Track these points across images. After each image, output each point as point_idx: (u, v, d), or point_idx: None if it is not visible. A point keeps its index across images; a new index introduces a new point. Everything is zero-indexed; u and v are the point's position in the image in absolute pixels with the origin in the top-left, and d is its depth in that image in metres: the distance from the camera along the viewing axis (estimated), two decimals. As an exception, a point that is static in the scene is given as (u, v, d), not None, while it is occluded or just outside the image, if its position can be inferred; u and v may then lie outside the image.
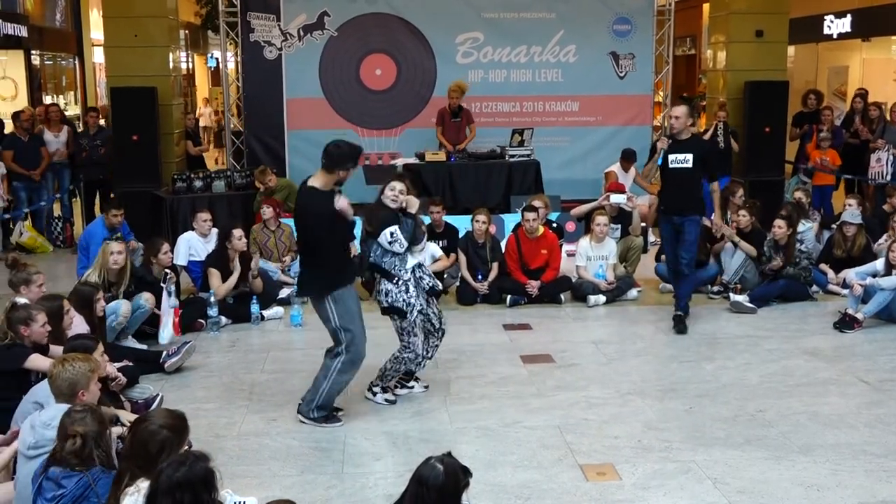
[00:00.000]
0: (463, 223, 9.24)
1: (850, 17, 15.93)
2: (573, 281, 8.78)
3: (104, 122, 12.24)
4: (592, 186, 11.55)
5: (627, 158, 11.17)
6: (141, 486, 3.35)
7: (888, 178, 11.10)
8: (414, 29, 12.39)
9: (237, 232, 8.15)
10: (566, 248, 9.65)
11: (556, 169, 12.04)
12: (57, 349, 5.27)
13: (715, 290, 8.89)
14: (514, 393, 6.25)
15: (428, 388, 6.29)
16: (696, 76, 22.20)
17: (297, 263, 8.87)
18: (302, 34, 12.25)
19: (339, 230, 5.57)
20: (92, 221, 9.86)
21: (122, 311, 6.95)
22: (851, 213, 9.00)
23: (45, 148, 11.45)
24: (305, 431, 5.58)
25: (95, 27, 18.41)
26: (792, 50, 15.43)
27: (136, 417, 4.32)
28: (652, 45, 12.79)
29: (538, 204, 8.83)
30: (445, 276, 8.90)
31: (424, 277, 5.92)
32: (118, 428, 4.41)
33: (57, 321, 5.53)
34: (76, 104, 18.69)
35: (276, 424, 5.70)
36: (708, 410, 5.90)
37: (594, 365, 6.88)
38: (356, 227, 5.82)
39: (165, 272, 7.61)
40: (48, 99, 16.87)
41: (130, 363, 6.11)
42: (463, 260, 8.75)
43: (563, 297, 8.69)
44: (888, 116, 11.76)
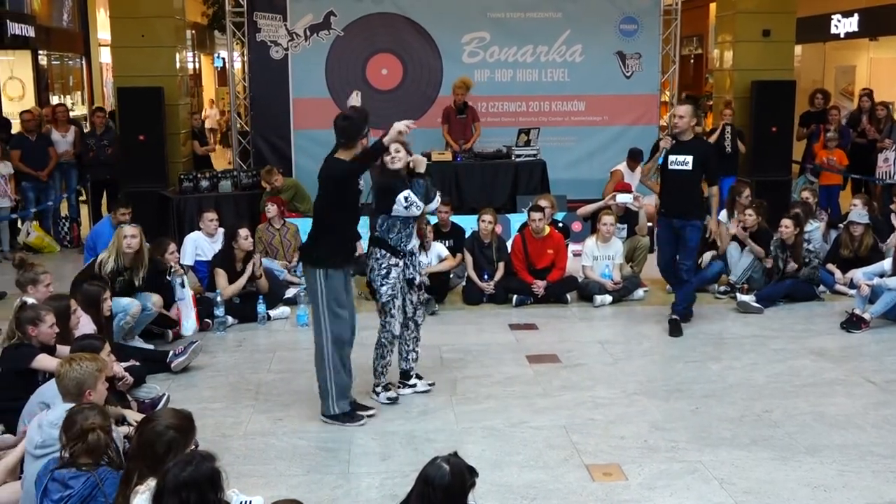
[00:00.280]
0: (469, 223, 9.24)
1: (857, 16, 15.89)
2: (579, 281, 8.78)
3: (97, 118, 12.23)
4: (598, 186, 11.51)
5: (634, 158, 11.15)
6: (151, 485, 3.36)
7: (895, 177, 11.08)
8: (420, 28, 12.38)
9: (243, 232, 8.16)
10: (572, 247, 9.63)
11: (562, 169, 12.02)
12: (64, 349, 5.29)
13: (721, 290, 8.87)
14: (520, 393, 6.24)
15: (434, 385, 6.29)
16: (702, 76, 22.16)
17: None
18: (308, 34, 12.25)
19: (349, 201, 5.58)
20: (99, 221, 9.88)
21: (131, 311, 6.94)
22: (858, 212, 8.96)
23: (52, 148, 11.47)
24: (312, 431, 5.59)
25: (102, 27, 18.48)
26: (799, 49, 15.39)
27: (142, 417, 4.33)
28: (658, 44, 12.77)
29: (544, 204, 8.83)
30: (452, 275, 8.91)
31: (409, 266, 5.97)
32: (125, 427, 4.43)
33: (64, 321, 5.56)
34: (83, 104, 18.75)
35: (282, 424, 5.71)
36: (714, 411, 5.89)
37: (600, 365, 6.87)
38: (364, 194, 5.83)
39: (170, 266, 7.57)
40: (55, 99, 16.92)
41: (137, 363, 6.13)
42: (469, 260, 8.75)
43: (569, 296, 8.68)
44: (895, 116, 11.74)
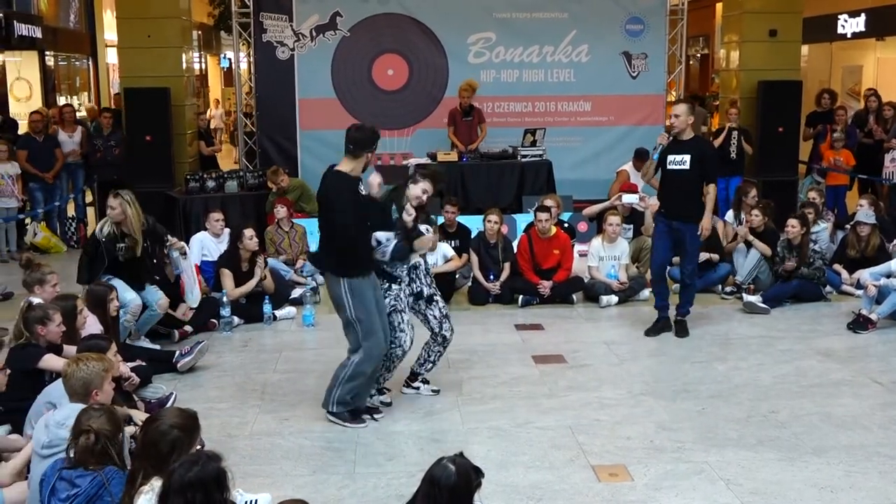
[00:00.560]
0: (475, 223, 9.24)
1: (864, 16, 15.85)
2: (585, 281, 8.77)
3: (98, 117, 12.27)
4: (604, 186, 11.52)
5: (640, 158, 11.10)
6: (155, 484, 3.36)
7: (903, 178, 11.05)
8: (426, 29, 12.39)
9: (248, 232, 8.17)
10: (578, 248, 9.63)
11: (568, 169, 12.01)
12: (70, 349, 5.31)
13: (728, 290, 8.86)
14: (525, 393, 6.24)
15: (439, 392, 6.23)
16: (709, 76, 22.13)
17: (308, 265, 8.92)
18: (314, 34, 12.27)
19: (363, 217, 5.45)
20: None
21: (131, 308, 6.88)
22: (865, 213, 8.94)
23: (59, 149, 11.49)
24: (318, 431, 5.59)
25: (109, 28, 18.53)
26: (805, 49, 15.34)
27: (147, 417, 4.33)
28: (665, 44, 12.75)
29: (550, 204, 8.83)
30: (457, 276, 8.91)
31: (416, 280, 5.89)
32: (131, 427, 4.43)
33: (71, 321, 5.58)
34: (90, 104, 18.79)
35: (288, 424, 5.71)
36: (721, 411, 5.88)
37: (606, 365, 6.87)
38: (391, 214, 5.65)
39: (165, 238, 7.40)
40: (62, 100, 16.97)
41: (143, 363, 6.14)
42: (475, 260, 8.75)
43: (575, 297, 8.68)
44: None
